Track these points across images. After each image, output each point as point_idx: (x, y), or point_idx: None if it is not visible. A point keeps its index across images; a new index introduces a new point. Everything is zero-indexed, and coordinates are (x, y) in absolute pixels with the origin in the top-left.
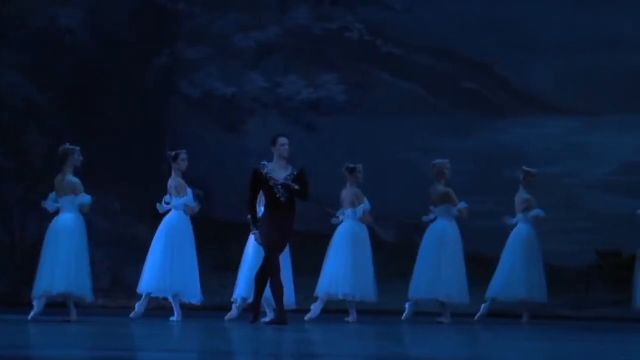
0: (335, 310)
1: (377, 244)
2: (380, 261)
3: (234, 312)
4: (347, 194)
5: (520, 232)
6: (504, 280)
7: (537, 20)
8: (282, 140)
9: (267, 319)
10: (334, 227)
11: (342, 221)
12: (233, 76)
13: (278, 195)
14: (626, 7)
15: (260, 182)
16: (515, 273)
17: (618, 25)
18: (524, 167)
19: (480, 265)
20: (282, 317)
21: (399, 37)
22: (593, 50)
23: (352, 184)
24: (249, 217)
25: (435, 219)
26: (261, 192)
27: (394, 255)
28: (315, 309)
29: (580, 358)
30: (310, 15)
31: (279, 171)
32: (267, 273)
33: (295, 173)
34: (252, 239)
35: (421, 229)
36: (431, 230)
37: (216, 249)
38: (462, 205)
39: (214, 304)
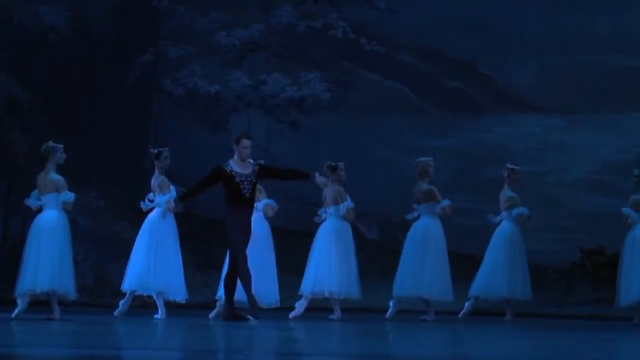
0: (319, 308)
1: (360, 242)
2: (364, 259)
3: (218, 309)
4: (329, 191)
5: (503, 230)
6: (487, 278)
7: (519, 20)
8: (246, 142)
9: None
10: (317, 225)
11: (324, 219)
12: (216, 74)
13: (244, 192)
14: (606, 7)
15: (222, 178)
16: (498, 271)
17: (598, 25)
18: (508, 165)
19: (463, 263)
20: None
21: (382, 35)
22: (575, 49)
23: (335, 182)
24: (183, 190)
25: (418, 217)
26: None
27: (377, 253)
28: (300, 306)
29: (562, 356)
30: (294, 13)
31: (242, 168)
32: (236, 272)
33: (256, 168)
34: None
35: (405, 226)
36: (415, 228)
37: (200, 247)
38: (445, 203)
39: (198, 302)
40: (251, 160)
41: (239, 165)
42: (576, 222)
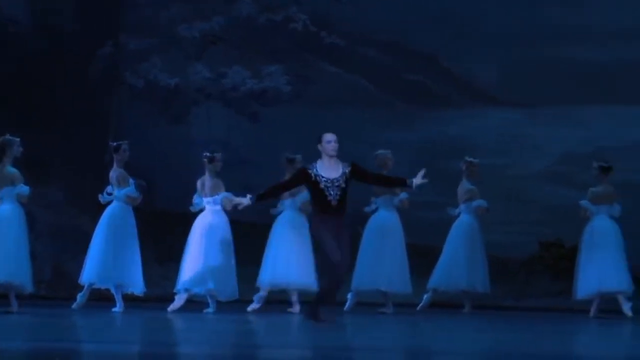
0: (278, 301)
1: None
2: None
3: (176, 302)
4: None
5: (462, 222)
6: (445, 270)
7: (481, 12)
8: (329, 137)
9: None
10: (274, 218)
11: (281, 211)
12: (177, 67)
13: (329, 198)
14: (568, 0)
15: (306, 182)
16: (457, 263)
17: (560, 18)
18: (467, 158)
19: (422, 256)
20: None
21: (343, 28)
22: (536, 42)
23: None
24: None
25: (376, 210)
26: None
27: None
28: (257, 300)
29: (521, 348)
30: (255, 6)
31: (329, 171)
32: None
33: (348, 170)
34: (195, 228)
35: (364, 219)
36: (373, 220)
37: (159, 240)
38: (403, 195)
39: (157, 295)
40: (341, 162)
41: (326, 167)
42: (535, 215)
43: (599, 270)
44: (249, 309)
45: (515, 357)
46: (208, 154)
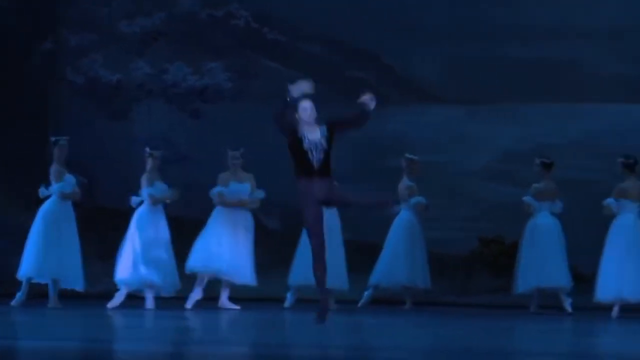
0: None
1: (263, 232)
2: (265, 249)
3: (116, 299)
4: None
5: (402, 219)
6: (386, 266)
7: (422, 10)
8: (304, 104)
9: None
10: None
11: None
12: (118, 63)
13: (312, 161)
14: None
15: (292, 135)
16: (397, 259)
17: (501, 16)
18: (407, 155)
19: (363, 253)
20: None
21: (285, 24)
22: (477, 40)
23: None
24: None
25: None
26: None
27: (279, 243)
28: (195, 294)
29: (461, 343)
30: (196, 2)
31: (311, 133)
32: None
33: (325, 130)
34: (134, 223)
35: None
36: None
37: (101, 237)
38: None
39: (99, 291)
40: (318, 126)
41: (307, 131)
42: (475, 212)
43: (538, 265)
44: (188, 305)
45: (455, 352)
46: (149, 150)
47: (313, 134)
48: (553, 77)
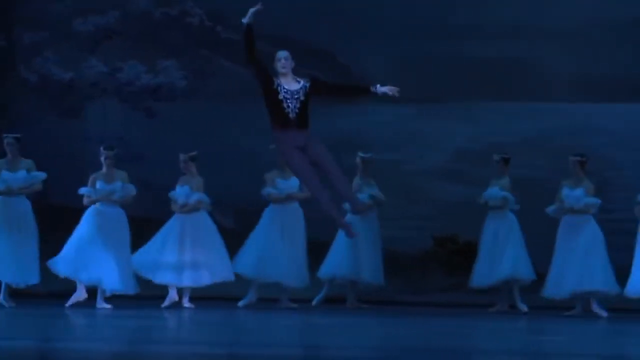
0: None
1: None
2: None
3: (75, 296)
4: (193, 181)
5: (354, 217)
6: (333, 260)
7: (375, 8)
8: (279, 54)
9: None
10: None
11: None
12: (71, 61)
13: (287, 110)
14: None
15: (266, 83)
16: (342, 254)
17: (452, 14)
18: (360, 153)
19: (320, 251)
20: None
21: (239, 23)
22: (428, 38)
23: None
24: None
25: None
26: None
27: (234, 242)
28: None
29: (415, 342)
30: (151, 0)
31: (288, 84)
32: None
33: (308, 84)
34: (84, 220)
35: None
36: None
37: (55, 234)
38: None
39: (54, 290)
40: (299, 79)
41: (286, 82)
42: (429, 210)
43: (497, 259)
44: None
45: (409, 351)
46: (102, 149)
47: (291, 85)
48: (506, 75)
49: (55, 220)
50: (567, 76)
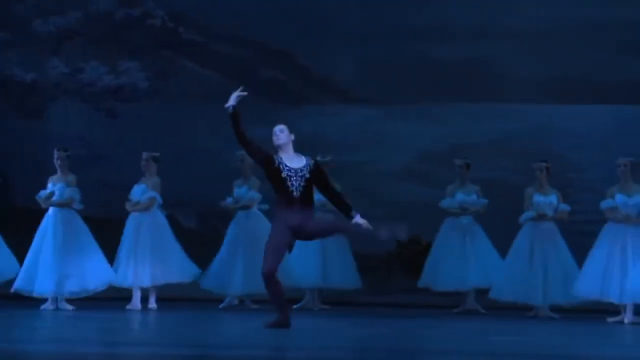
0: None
1: (179, 231)
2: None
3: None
4: (149, 181)
5: None
6: (295, 267)
7: (337, 9)
8: (275, 128)
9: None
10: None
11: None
12: (33, 62)
13: (291, 189)
14: None
15: (268, 165)
16: (308, 259)
17: (416, 16)
18: (318, 157)
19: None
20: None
21: (201, 24)
22: (392, 40)
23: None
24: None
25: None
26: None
27: (196, 243)
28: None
29: (380, 343)
30: (113, 1)
31: (291, 161)
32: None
33: (312, 163)
34: (44, 224)
35: (224, 217)
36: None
37: (15, 236)
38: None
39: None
40: (304, 155)
41: (288, 158)
42: (393, 212)
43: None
44: (128, 306)
45: (373, 351)
46: (56, 150)
47: (293, 162)
48: (470, 77)
49: (18, 222)
50: (529, 77)
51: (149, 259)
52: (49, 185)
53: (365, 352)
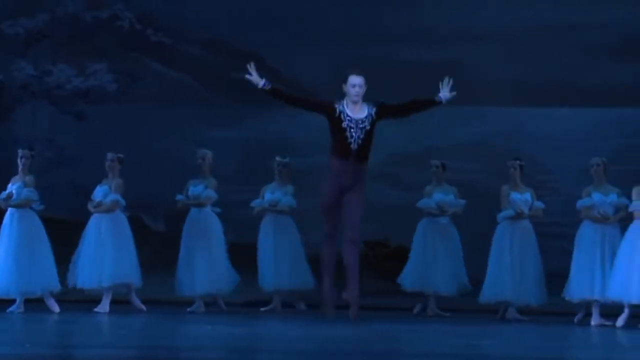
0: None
1: (146, 233)
2: (149, 251)
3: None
4: (113, 182)
5: (267, 221)
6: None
7: (308, 11)
8: (353, 79)
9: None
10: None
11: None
12: (0, 63)
13: (349, 140)
14: (398, 1)
15: (328, 114)
16: (275, 261)
17: (386, 18)
18: (277, 157)
19: (244, 255)
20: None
21: (169, 26)
22: (363, 42)
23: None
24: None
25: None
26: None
27: (163, 245)
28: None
29: (345, 346)
30: (80, 3)
31: (354, 111)
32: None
33: (374, 111)
34: (3, 225)
35: None
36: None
37: None
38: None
39: None
40: (367, 104)
41: (351, 108)
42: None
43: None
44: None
45: (338, 355)
46: (19, 151)
47: (356, 113)
48: (438, 78)
49: None
50: (502, 80)
51: (110, 259)
52: (9, 185)
53: (329, 356)
